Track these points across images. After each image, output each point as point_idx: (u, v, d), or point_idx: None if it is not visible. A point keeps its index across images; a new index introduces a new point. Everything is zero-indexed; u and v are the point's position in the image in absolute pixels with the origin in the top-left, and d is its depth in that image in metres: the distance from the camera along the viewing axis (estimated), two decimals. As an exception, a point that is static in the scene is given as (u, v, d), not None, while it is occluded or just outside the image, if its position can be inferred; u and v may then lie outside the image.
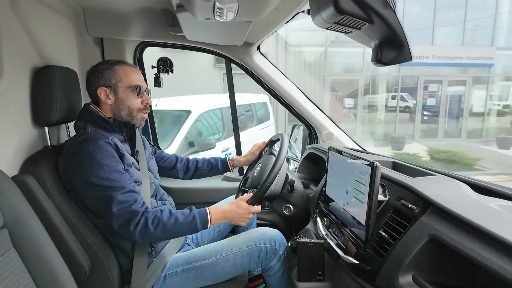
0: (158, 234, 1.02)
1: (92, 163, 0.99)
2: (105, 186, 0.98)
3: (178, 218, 1.05)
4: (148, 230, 1.00)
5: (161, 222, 1.02)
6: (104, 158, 1.00)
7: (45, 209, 0.96)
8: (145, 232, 1.00)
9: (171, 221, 1.03)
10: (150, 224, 1.00)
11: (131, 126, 1.16)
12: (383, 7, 0.68)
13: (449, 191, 0.84)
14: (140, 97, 1.17)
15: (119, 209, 0.98)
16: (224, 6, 0.91)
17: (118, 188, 1.00)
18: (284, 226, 1.70)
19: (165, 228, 1.02)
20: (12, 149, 0.99)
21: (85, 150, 1.00)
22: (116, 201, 0.98)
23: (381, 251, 0.83)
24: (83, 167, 0.99)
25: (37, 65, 1.12)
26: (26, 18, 1.06)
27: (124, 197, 1.00)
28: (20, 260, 0.81)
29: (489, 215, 0.68)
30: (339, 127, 1.82)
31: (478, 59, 11.34)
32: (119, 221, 0.99)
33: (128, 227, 0.99)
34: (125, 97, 1.14)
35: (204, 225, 1.08)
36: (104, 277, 1.06)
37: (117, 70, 1.14)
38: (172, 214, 1.05)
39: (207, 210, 1.11)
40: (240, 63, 1.74)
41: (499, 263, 0.56)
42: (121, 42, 1.61)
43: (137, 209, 1.00)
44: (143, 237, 1.01)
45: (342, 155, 1.05)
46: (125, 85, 1.14)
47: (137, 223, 0.99)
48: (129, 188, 1.02)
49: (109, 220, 1.00)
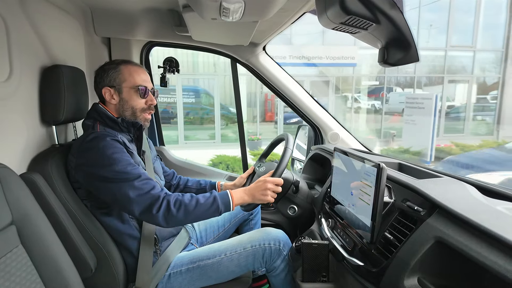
0: (181, 216, 1.01)
1: (105, 159, 0.99)
2: (121, 178, 0.99)
3: (199, 199, 1.05)
4: (171, 212, 1.00)
5: (183, 204, 1.02)
6: (115, 153, 1.01)
7: (52, 206, 0.97)
8: (168, 215, 1.00)
9: (193, 203, 1.03)
10: (173, 206, 1.00)
11: (138, 126, 1.17)
12: (390, 8, 0.68)
13: (456, 193, 0.83)
14: (143, 98, 1.17)
15: (137, 195, 0.99)
16: (231, 6, 0.91)
17: (134, 177, 1.00)
18: (289, 227, 1.70)
19: (187, 210, 1.02)
20: (21, 147, 1.01)
21: (97, 147, 1.01)
22: (134, 188, 0.99)
23: (386, 253, 0.82)
24: (97, 164, 1.00)
25: (46, 64, 1.13)
26: (35, 18, 1.08)
27: (141, 184, 1.00)
28: (27, 256, 0.82)
29: (497, 218, 0.67)
30: (345, 128, 1.81)
31: (340, 59, 11.03)
32: (140, 207, 0.99)
33: (150, 211, 0.99)
34: (129, 97, 1.15)
35: (227, 206, 1.08)
36: (109, 275, 1.07)
37: (122, 70, 1.15)
38: (193, 197, 1.06)
39: (228, 191, 1.11)
40: (245, 63, 1.74)
41: (507, 267, 0.55)
42: (128, 42, 1.63)
43: (157, 193, 1.01)
44: (167, 220, 1.00)
45: (347, 156, 1.05)
46: (129, 85, 1.15)
47: (159, 206, 0.99)
48: (145, 176, 1.03)
49: (129, 209, 1.00)
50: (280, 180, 1.17)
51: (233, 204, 1.09)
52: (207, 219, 1.09)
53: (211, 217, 1.08)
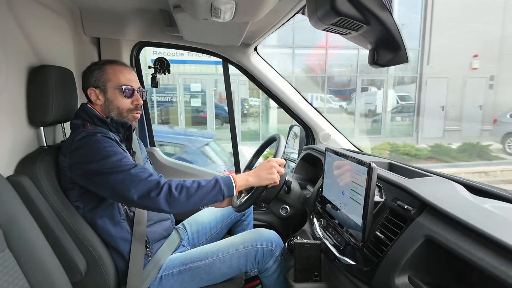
0: (183, 199, 0.99)
1: (98, 153, 0.98)
2: (117, 170, 0.97)
3: (201, 182, 1.03)
4: (173, 195, 0.98)
5: (184, 187, 1.00)
6: (108, 147, 1.00)
7: (40, 209, 0.95)
8: (169, 198, 0.98)
9: (195, 186, 1.02)
10: (174, 189, 0.99)
11: (128, 127, 1.15)
12: (380, 9, 0.68)
13: (444, 192, 0.84)
14: (129, 98, 1.15)
15: (134, 180, 0.97)
16: (222, 7, 0.91)
17: (131, 166, 0.99)
18: (281, 227, 1.70)
19: (189, 192, 1.00)
20: (7, 149, 0.99)
21: (88, 143, 1.00)
22: (130, 176, 0.97)
23: (377, 252, 0.83)
24: (91, 159, 0.98)
25: (33, 64, 1.11)
26: (22, 17, 1.06)
27: (139, 171, 0.99)
28: (14, 261, 0.80)
29: (484, 216, 0.69)
30: (336, 128, 1.82)
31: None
32: (138, 192, 0.96)
33: (149, 195, 0.96)
34: (113, 97, 1.13)
35: (229, 189, 1.06)
36: (99, 278, 1.06)
37: (107, 70, 1.13)
38: (195, 181, 1.04)
39: (230, 175, 1.10)
40: (237, 64, 1.74)
41: (494, 264, 0.57)
42: (118, 42, 1.61)
43: (155, 179, 0.99)
44: (169, 203, 0.98)
45: (339, 156, 1.06)
46: (113, 85, 1.13)
47: (160, 190, 0.97)
48: (140, 166, 1.01)
49: (128, 196, 0.96)
50: (282, 160, 1.17)
51: (236, 187, 1.06)
52: (210, 203, 1.07)
53: (214, 201, 1.05)
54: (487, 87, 10.95)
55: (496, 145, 8.44)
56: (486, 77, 10.84)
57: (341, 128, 1.82)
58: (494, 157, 8.09)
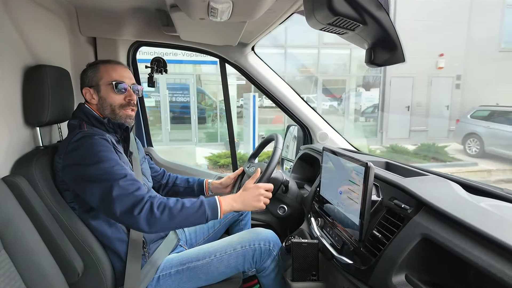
0: (165, 219, 0.95)
1: (92, 157, 0.97)
2: (107, 177, 0.95)
3: (185, 203, 0.99)
4: (154, 215, 0.93)
5: (167, 206, 0.96)
6: (103, 151, 0.99)
7: (36, 210, 0.95)
8: (150, 217, 0.93)
9: (178, 206, 0.97)
10: (156, 209, 0.94)
11: (125, 128, 1.15)
12: (377, 9, 0.69)
13: (441, 191, 0.84)
14: (120, 93, 1.13)
15: (121, 194, 0.93)
16: (219, 7, 0.91)
17: (120, 176, 0.96)
18: (279, 227, 1.70)
19: (171, 213, 0.96)
20: (3, 149, 0.98)
21: (84, 145, 0.99)
22: (118, 187, 0.94)
23: (374, 251, 0.83)
24: (84, 162, 0.97)
25: (29, 64, 1.10)
26: (18, 17, 1.05)
27: (127, 184, 0.96)
28: (10, 262, 0.80)
29: (481, 215, 0.69)
30: (333, 127, 1.83)
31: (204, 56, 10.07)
32: (121, 206, 0.93)
33: (131, 212, 0.92)
34: (106, 94, 1.12)
35: (214, 213, 1.02)
36: (97, 279, 1.05)
37: (100, 68, 1.13)
38: (179, 200, 1.00)
39: (216, 197, 1.06)
40: (234, 64, 1.74)
41: (490, 261, 0.57)
42: (114, 41, 1.60)
43: (141, 194, 0.96)
44: (149, 223, 0.94)
45: (336, 156, 1.06)
46: (105, 82, 1.12)
47: (142, 208, 0.93)
48: (131, 177, 0.99)
49: (111, 210, 0.93)
50: (270, 185, 1.16)
51: (221, 211, 1.03)
52: (192, 226, 1.04)
53: (197, 223, 1.02)
54: (454, 87, 10.75)
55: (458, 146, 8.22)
56: (452, 77, 10.64)
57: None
58: (450, 159, 7.96)
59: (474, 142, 7.73)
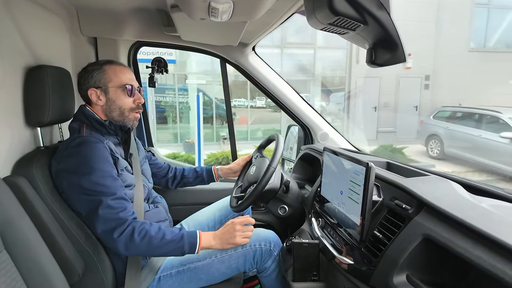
0: (143, 247, 0.98)
1: (86, 167, 0.97)
2: (96, 191, 0.97)
3: (166, 234, 1.01)
4: (134, 240, 0.96)
5: (148, 234, 0.98)
6: (98, 162, 0.99)
7: (37, 210, 0.95)
8: (129, 242, 0.96)
9: (159, 236, 0.99)
10: (137, 234, 0.96)
11: (126, 130, 1.15)
12: (377, 9, 0.68)
13: (442, 191, 0.84)
14: (131, 97, 1.16)
15: (105, 213, 0.95)
16: (219, 7, 0.91)
17: (109, 194, 0.97)
18: (279, 227, 1.70)
19: (150, 242, 0.98)
20: (4, 149, 0.98)
21: (80, 154, 0.99)
22: (105, 205, 0.96)
23: (375, 251, 0.83)
24: (76, 171, 0.98)
25: (30, 64, 1.10)
26: (19, 17, 1.05)
27: (114, 203, 0.97)
28: (11, 262, 0.80)
29: (482, 215, 0.69)
30: (334, 127, 1.83)
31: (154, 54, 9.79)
32: (103, 226, 0.96)
33: (111, 234, 0.95)
34: (116, 97, 1.13)
35: (192, 248, 1.04)
36: (97, 280, 1.05)
37: (107, 70, 1.13)
38: (161, 230, 1.02)
39: (197, 232, 1.08)
40: (235, 64, 1.74)
41: (491, 262, 0.57)
42: (115, 42, 1.60)
43: (125, 217, 0.97)
44: (127, 247, 0.96)
45: (337, 156, 1.06)
46: (115, 85, 1.13)
47: (123, 231, 0.96)
48: (120, 195, 1.00)
49: (93, 225, 0.97)
50: (249, 219, 1.15)
51: (198, 248, 1.05)
52: (167, 256, 1.08)
53: (172, 255, 1.06)
54: (423, 87, 10.64)
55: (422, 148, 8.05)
56: (421, 77, 10.53)
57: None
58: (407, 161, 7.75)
59: (435, 144, 7.65)
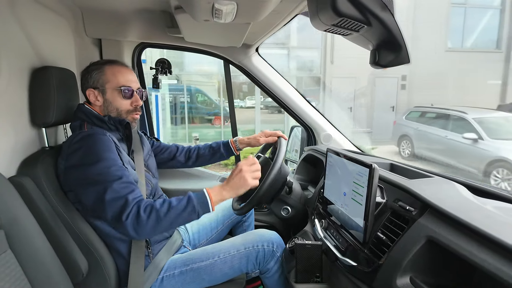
0: (152, 222, 0.93)
1: (91, 156, 0.97)
2: (102, 179, 0.95)
3: (172, 202, 0.97)
4: (141, 219, 0.92)
5: (154, 208, 0.94)
6: (103, 151, 0.99)
7: (42, 210, 0.96)
8: (136, 222, 0.92)
9: (165, 207, 0.95)
10: (142, 211, 0.93)
11: (126, 124, 1.15)
12: (381, 10, 0.68)
13: (446, 193, 0.84)
14: (128, 99, 1.15)
15: (113, 198, 0.93)
16: (223, 8, 0.91)
17: (115, 178, 0.95)
18: (282, 228, 1.70)
19: (159, 216, 0.93)
20: (9, 150, 0.99)
21: (84, 146, 0.99)
22: (111, 189, 0.93)
23: (379, 253, 0.83)
24: (83, 162, 0.98)
25: (35, 65, 1.11)
26: (24, 19, 1.06)
27: (121, 187, 0.95)
28: (16, 261, 0.80)
29: (487, 217, 0.69)
30: (337, 129, 1.82)
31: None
32: (112, 210, 0.93)
33: (120, 217, 0.92)
34: (112, 98, 1.13)
35: (205, 207, 0.97)
36: (101, 279, 1.06)
37: (105, 70, 1.13)
38: (166, 201, 0.97)
39: (204, 189, 1.01)
40: (238, 65, 1.74)
41: (496, 265, 0.56)
42: (119, 43, 1.61)
43: (131, 198, 0.95)
44: (135, 228, 0.92)
45: (340, 157, 1.05)
46: (112, 86, 1.12)
47: (129, 213, 0.92)
48: (126, 179, 0.98)
49: (103, 212, 0.94)
50: (253, 159, 1.09)
51: (212, 204, 0.98)
52: (183, 224, 1.01)
53: (188, 221, 0.99)
54: (400, 87, 10.53)
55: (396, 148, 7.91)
56: (397, 77, 10.41)
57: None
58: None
59: (407, 144, 7.60)
